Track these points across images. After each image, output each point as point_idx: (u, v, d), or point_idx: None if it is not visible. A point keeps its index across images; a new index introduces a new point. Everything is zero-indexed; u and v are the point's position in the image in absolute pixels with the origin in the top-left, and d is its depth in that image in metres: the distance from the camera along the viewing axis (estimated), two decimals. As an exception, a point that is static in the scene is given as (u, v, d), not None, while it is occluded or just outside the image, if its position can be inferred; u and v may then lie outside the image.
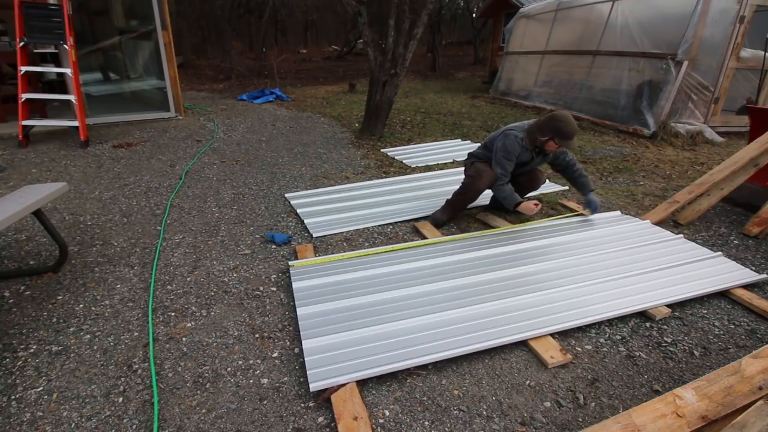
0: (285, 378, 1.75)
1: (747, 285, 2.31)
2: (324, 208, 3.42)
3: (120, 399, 1.65)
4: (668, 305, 2.14)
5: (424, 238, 2.91)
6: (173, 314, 2.15)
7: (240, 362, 1.84)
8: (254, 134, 6.15)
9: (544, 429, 1.53)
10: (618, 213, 3.26)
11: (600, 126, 6.39)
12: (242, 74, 13.82)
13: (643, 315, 2.11)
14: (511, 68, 9.66)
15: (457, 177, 4.05)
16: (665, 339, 1.96)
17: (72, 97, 5.22)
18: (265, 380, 1.74)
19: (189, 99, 9.14)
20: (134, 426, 1.54)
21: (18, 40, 4.96)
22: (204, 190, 3.89)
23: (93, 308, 2.20)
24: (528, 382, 1.72)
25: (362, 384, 1.69)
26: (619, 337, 1.97)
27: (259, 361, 1.84)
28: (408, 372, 1.76)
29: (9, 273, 2.47)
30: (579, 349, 1.89)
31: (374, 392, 1.67)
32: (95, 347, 1.93)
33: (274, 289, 2.37)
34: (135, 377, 1.76)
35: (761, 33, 5.19)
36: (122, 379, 1.75)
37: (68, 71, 5.24)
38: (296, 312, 2.08)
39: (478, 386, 1.71)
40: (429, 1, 5.56)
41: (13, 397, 1.66)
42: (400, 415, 1.58)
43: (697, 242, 2.81)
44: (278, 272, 2.54)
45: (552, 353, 1.82)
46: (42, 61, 6.45)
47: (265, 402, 1.64)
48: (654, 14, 6.21)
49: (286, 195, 3.75)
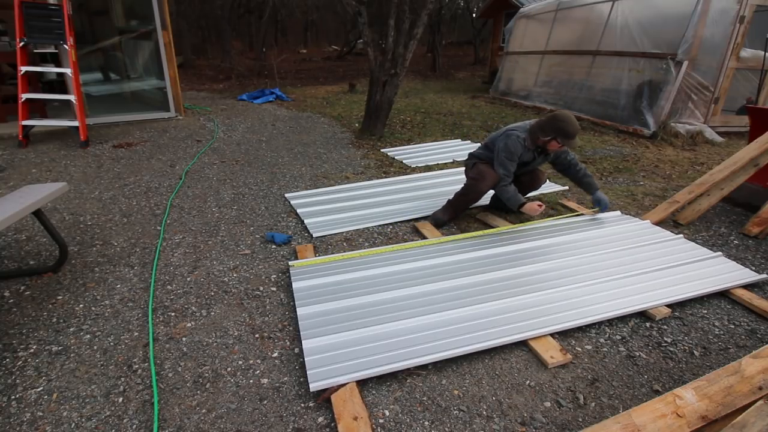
0: (285, 378, 1.75)
1: (747, 285, 2.31)
2: (324, 208, 3.42)
3: (120, 399, 1.65)
4: (668, 305, 2.14)
5: (424, 238, 2.91)
6: (173, 314, 2.15)
7: (240, 362, 1.84)
8: (254, 134, 6.15)
9: (544, 429, 1.53)
10: (618, 213, 3.26)
11: (600, 126, 6.39)
12: (242, 74, 13.82)
13: (643, 315, 2.11)
14: (511, 68, 9.66)
15: (457, 177, 4.06)
16: (665, 339, 1.96)
17: (72, 97, 5.22)
18: (265, 380, 1.74)
19: (189, 99, 9.15)
20: (134, 426, 1.54)
21: (18, 40, 4.96)
22: (204, 190, 3.89)
23: (93, 308, 2.20)
24: (528, 382, 1.72)
25: (362, 384, 1.69)
26: (619, 337, 1.97)
27: (259, 361, 1.84)
28: (408, 372, 1.76)
29: (9, 273, 2.47)
30: (579, 349, 1.90)
31: (374, 392, 1.67)
32: (95, 347, 1.93)
33: (274, 289, 2.37)
34: (135, 377, 1.76)
35: (761, 33, 5.19)
36: (122, 379, 1.75)
37: (68, 71, 5.24)
38: (296, 312, 2.08)
39: (478, 386, 1.71)
40: (429, 1, 5.56)
41: (13, 397, 1.66)
42: (400, 415, 1.58)
43: (697, 242, 2.81)
44: (278, 272, 2.54)
45: (552, 353, 1.82)
46: (42, 61, 6.45)
47: (265, 402, 1.64)
48: (654, 14, 6.21)
49: (286, 195, 3.75)
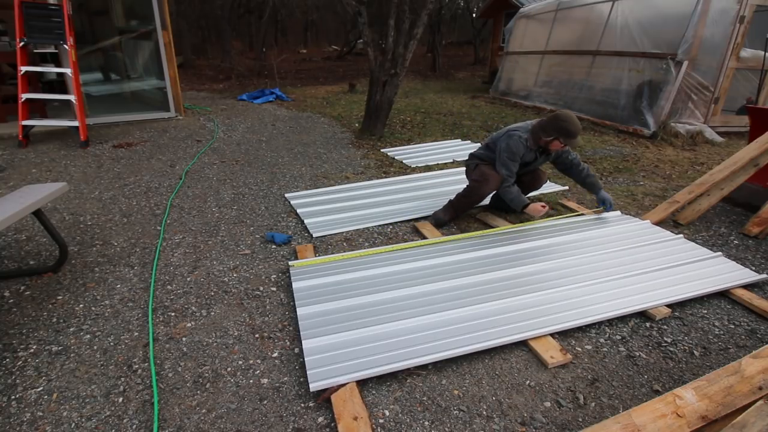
0: (285, 378, 1.75)
1: (747, 285, 2.31)
2: (324, 208, 3.42)
3: (120, 399, 1.65)
4: (668, 305, 2.14)
5: (424, 238, 2.91)
6: (173, 314, 2.15)
7: (240, 362, 1.84)
8: (254, 134, 6.15)
9: (544, 429, 1.53)
10: (618, 213, 3.26)
11: (600, 126, 6.39)
12: (242, 74, 13.82)
13: (643, 315, 2.11)
14: (511, 68, 9.66)
15: (457, 177, 4.06)
16: (665, 339, 1.96)
17: (72, 97, 5.22)
18: (265, 380, 1.74)
19: (189, 99, 9.15)
20: (134, 426, 1.54)
21: (18, 40, 4.97)
22: (204, 190, 3.89)
23: (93, 308, 2.20)
24: (528, 382, 1.72)
25: (362, 384, 1.69)
26: (619, 337, 1.97)
27: (259, 361, 1.84)
28: (408, 372, 1.76)
29: (9, 273, 2.47)
30: (579, 349, 1.90)
31: (374, 392, 1.67)
32: (95, 347, 1.93)
33: (274, 289, 2.37)
34: (135, 377, 1.76)
35: (761, 33, 5.19)
36: (122, 379, 1.75)
37: (68, 71, 5.24)
38: (296, 312, 2.08)
39: (478, 386, 1.71)
40: (429, 1, 5.56)
41: (13, 397, 1.66)
42: (400, 415, 1.58)
43: (697, 242, 2.81)
44: (278, 272, 2.54)
45: (552, 353, 1.82)
46: (42, 61, 6.45)
47: (265, 402, 1.64)
48: (654, 14, 6.21)
49: (286, 195, 3.75)
